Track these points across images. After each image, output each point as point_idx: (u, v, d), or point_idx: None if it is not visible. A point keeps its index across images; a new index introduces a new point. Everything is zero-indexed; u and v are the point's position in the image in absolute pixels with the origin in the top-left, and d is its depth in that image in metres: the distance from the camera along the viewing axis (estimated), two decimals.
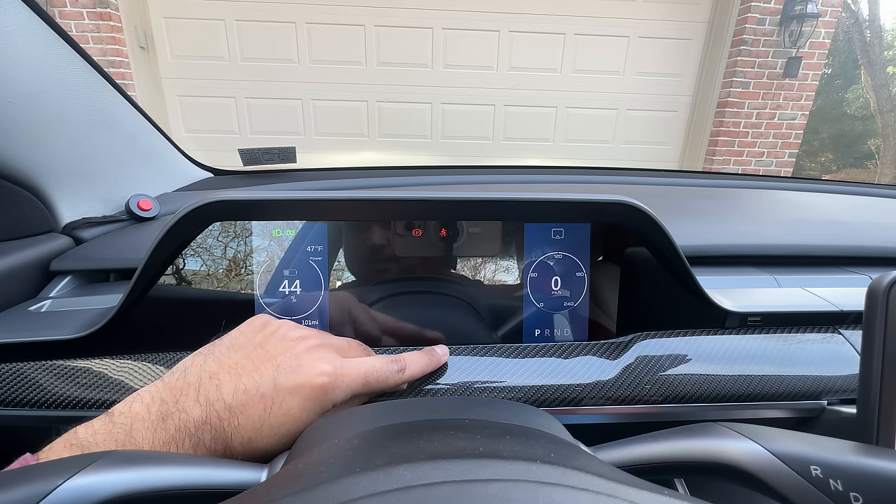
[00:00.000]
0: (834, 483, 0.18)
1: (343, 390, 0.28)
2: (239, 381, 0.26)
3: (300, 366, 0.27)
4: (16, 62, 0.44)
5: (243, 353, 0.28)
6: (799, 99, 2.93)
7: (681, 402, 0.34)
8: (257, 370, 0.27)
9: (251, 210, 0.35)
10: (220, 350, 0.29)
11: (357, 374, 0.29)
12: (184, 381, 0.26)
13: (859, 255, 0.53)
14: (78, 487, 0.17)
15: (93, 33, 2.40)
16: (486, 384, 0.34)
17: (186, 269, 0.37)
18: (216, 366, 0.27)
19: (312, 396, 0.27)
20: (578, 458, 0.18)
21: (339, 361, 0.29)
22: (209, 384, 0.26)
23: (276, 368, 0.27)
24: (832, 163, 6.63)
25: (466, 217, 0.38)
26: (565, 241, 0.39)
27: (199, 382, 0.26)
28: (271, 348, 0.28)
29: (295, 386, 0.26)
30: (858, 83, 5.98)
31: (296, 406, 0.26)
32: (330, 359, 0.29)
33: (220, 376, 0.26)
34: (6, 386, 0.32)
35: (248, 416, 0.25)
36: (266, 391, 0.26)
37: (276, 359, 0.28)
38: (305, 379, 0.27)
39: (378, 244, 0.38)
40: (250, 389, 0.26)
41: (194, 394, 0.25)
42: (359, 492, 0.13)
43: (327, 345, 0.30)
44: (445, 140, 2.99)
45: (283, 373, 0.27)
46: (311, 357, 0.28)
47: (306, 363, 0.28)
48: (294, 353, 0.28)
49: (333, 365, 0.28)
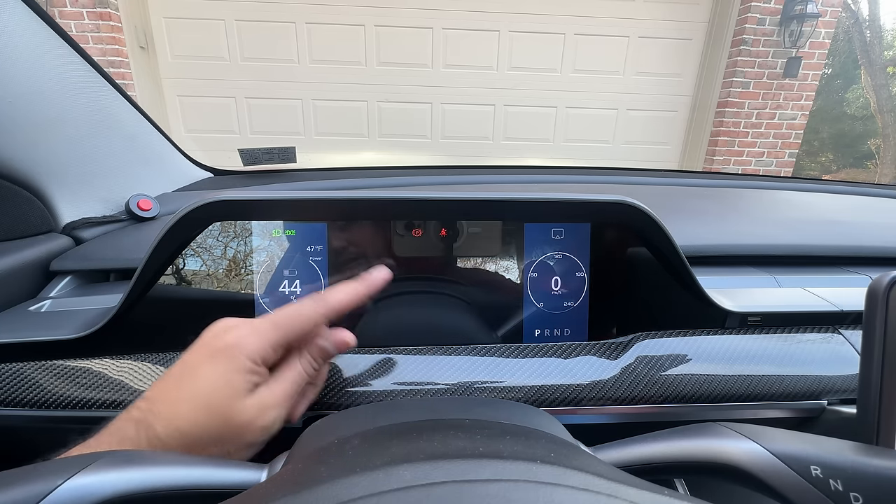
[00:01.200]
0: (834, 483, 0.18)
1: (252, 341, 0.27)
2: (159, 380, 0.27)
3: (205, 341, 0.28)
4: (16, 62, 0.44)
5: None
6: (799, 99, 2.93)
7: (681, 402, 0.34)
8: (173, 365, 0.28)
9: (251, 210, 0.35)
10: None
11: (261, 321, 0.28)
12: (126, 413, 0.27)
13: (859, 255, 0.53)
14: (78, 487, 0.17)
15: (93, 33, 2.40)
16: (486, 384, 0.34)
17: (186, 269, 0.37)
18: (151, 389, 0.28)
19: (219, 356, 0.26)
20: (578, 458, 0.18)
21: (244, 321, 0.28)
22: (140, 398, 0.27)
23: (187, 353, 0.28)
24: (832, 163, 6.63)
25: (466, 217, 0.38)
26: (565, 241, 0.39)
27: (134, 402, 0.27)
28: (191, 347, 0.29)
29: (202, 357, 0.27)
30: (858, 83, 5.98)
31: (206, 372, 0.26)
32: (233, 323, 0.28)
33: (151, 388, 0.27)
34: (6, 386, 0.32)
35: (164, 402, 0.26)
36: (176, 371, 0.27)
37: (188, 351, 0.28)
38: (209, 347, 0.27)
39: (378, 244, 0.38)
40: (165, 377, 0.27)
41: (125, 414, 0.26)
42: (359, 492, 0.13)
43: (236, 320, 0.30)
44: (445, 140, 2.99)
45: (192, 353, 0.27)
46: (215, 329, 0.28)
47: (212, 338, 0.28)
48: (203, 338, 0.28)
49: (236, 324, 0.28)
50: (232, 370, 0.26)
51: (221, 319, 0.30)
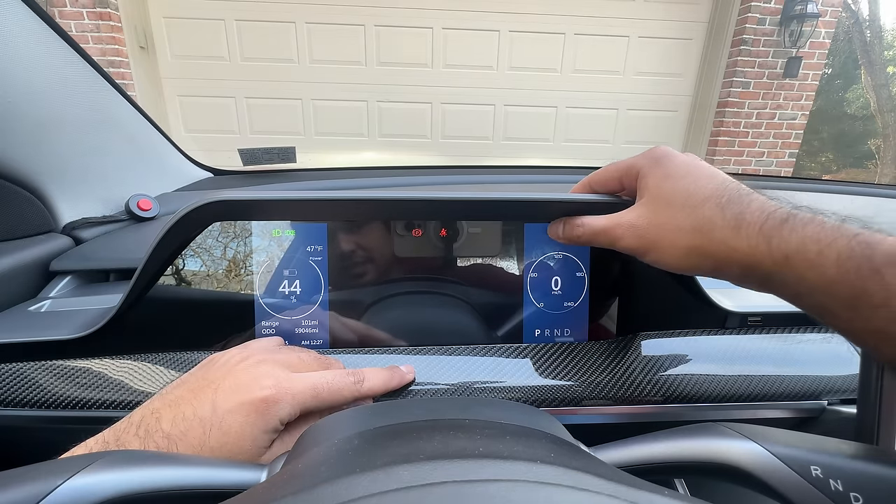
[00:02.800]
0: (834, 483, 0.18)
1: (289, 403, 0.27)
2: (178, 411, 0.26)
3: (240, 384, 0.27)
4: (16, 62, 0.44)
5: (186, 387, 0.28)
6: (799, 99, 2.93)
7: (681, 402, 0.34)
8: (196, 397, 0.26)
9: (251, 210, 0.35)
10: (167, 389, 0.28)
11: (304, 386, 0.28)
12: (128, 422, 0.26)
13: None
14: (78, 487, 0.17)
15: (93, 33, 2.40)
16: (486, 384, 0.34)
17: (186, 270, 0.37)
18: (160, 403, 0.27)
19: (255, 411, 0.26)
20: (578, 458, 0.18)
21: (284, 374, 0.28)
22: (150, 419, 0.25)
23: (216, 391, 0.26)
24: (832, 163, 6.63)
25: (466, 217, 0.38)
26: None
27: (140, 420, 0.25)
28: (212, 375, 0.28)
29: (235, 405, 0.26)
30: (858, 83, 5.98)
31: (236, 424, 0.25)
32: (273, 373, 0.28)
33: (161, 411, 0.26)
34: (6, 386, 0.32)
35: (186, 443, 0.25)
36: (205, 415, 0.25)
37: (215, 383, 0.27)
38: (245, 395, 0.26)
39: (378, 244, 0.38)
40: (188, 416, 0.25)
41: (135, 430, 0.25)
42: (359, 492, 0.13)
43: (272, 360, 0.29)
44: (445, 140, 2.99)
45: (223, 394, 0.26)
46: (252, 373, 0.27)
47: (246, 380, 0.27)
48: (234, 374, 0.27)
49: (276, 378, 0.27)
50: (262, 429, 0.26)
51: (254, 353, 0.30)
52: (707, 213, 0.26)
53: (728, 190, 0.27)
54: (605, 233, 0.31)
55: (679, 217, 0.27)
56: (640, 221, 0.29)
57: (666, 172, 0.29)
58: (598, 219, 0.32)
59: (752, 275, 0.25)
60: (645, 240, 0.29)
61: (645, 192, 0.30)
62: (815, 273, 0.22)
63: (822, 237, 0.22)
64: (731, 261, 0.25)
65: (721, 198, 0.26)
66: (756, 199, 0.26)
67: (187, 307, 0.37)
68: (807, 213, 0.24)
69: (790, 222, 0.24)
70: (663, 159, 0.30)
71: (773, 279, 0.24)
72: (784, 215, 0.24)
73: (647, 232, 0.29)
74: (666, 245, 0.28)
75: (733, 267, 0.26)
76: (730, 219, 0.25)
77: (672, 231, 0.27)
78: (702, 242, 0.26)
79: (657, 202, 0.29)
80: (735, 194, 0.26)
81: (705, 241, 0.26)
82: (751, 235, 0.24)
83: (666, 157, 0.30)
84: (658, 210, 0.29)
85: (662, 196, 0.29)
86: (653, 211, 0.29)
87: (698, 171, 0.29)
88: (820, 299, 0.22)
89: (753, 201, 0.26)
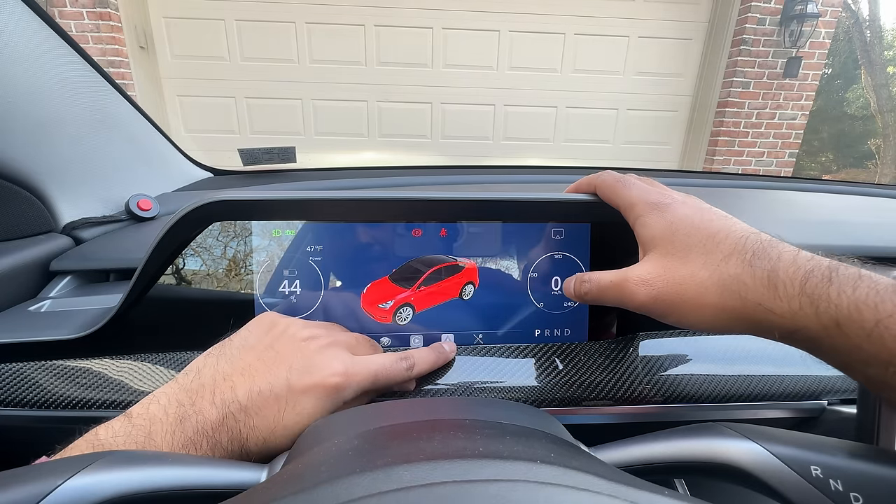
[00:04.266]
0: (834, 483, 0.18)
1: (354, 388, 0.28)
2: (253, 383, 0.26)
3: (312, 366, 0.28)
4: (16, 62, 0.44)
5: (254, 354, 0.28)
6: (799, 99, 2.93)
7: (681, 402, 0.34)
8: (270, 371, 0.27)
9: (251, 210, 0.35)
10: (232, 351, 0.29)
11: (367, 373, 0.29)
12: (198, 382, 0.26)
13: (860, 254, 0.53)
14: (78, 487, 0.17)
15: (93, 33, 2.40)
16: (486, 384, 0.34)
17: (186, 269, 0.37)
18: (229, 367, 0.27)
19: (325, 395, 0.27)
20: (579, 458, 0.18)
21: (350, 360, 0.29)
22: (224, 385, 0.26)
23: (289, 369, 0.27)
24: (832, 163, 6.63)
25: (466, 217, 0.38)
26: (565, 241, 0.39)
27: (213, 384, 0.26)
28: (282, 349, 0.29)
29: (308, 386, 0.27)
30: (858, 83, 5.98)
31: (309, 406, 0.27)
32: (341, 357, 0.29)
33: (234, 378, 0.27)
34: (6, 386, 0.32)
35: (262, 417, 0.26)
36: (280, 392, 0.26)
37: (287, 359, 0.28)
38: (318, 379, 0.27)
39: (378, 244, 0.38)
40: (264, 391, 0.26)
41: (210, 395, 0.26)
42: (359, 492, 0.13)
43: (337, 342, 0.31)
44: (445, 140, 2.99)
45: (296, 373, 0.27)
46: (323, 357, 0.28)
47: (318, 363, 0.28)
48: (305, 354, 0.28)
49: (344, 364, 0.28)
50: (327, 411, 0.27)
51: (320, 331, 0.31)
52: (733, 271, 0.24)
53: (750, 242, 0.24)
54: (615, 288, 0.29)
55: (700, 275, 0.25)
56: (653, 278, 0.26)
57: (671, 223, 0.27)
58: (605, 274, 0.30)
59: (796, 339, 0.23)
60: (663, 301, 0.26)
61: (651, 246, 0.28)
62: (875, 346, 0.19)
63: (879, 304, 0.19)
64: (769, 324, 0.23)
65: (745, 252, 0.24)
66: (785, 251, 0.23)
67: (187, 307, 0.37)
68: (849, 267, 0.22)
69: (835, 281, 0.21)
70: (664, 207, 0.28)
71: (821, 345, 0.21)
72: (825, 272, 0.22)
73: (663, 292, 0.26)
74: (689, 307, 0.25)
75: (773, 331, 0.23)
76: (761, 277, 0.23)
77: (694, 290, 0.25)
78: (732, 303, 0.24)
79: (670, 258, 0.26)
80: (759, 247, 0.24)
81: (736, 302, 0.23)
82: (791, 297, 0.22)
83: (666, 203, 0.28)
84: (672, 267, 0.26)
85: (675, 251, 0.26)
86: (666, 268, 0.26)
87: (710, 221, 0.26)
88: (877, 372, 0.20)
89: (783, 254, 0.23)
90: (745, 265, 0.23)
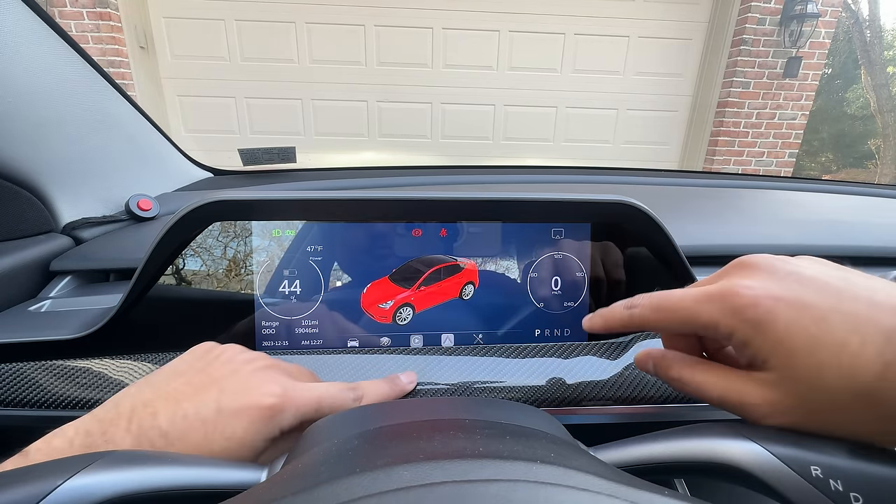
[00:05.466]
0: (834, 483, 0.18)
1: (293, 413, 0.26)
2: (178, 407, 0.24)
3: (247, 388, 0.25)
4: (15, 62, 0.44)
5: (183, 379, 0.26)
6: (799, 99, 2.93)
7: (681, 402, 0.34)
8: (198, 395, 0.25)
9: (251, 210, 0.35)
10: (159, 378, 0.26)
11: (310, 398, 0.27)
12: (115, 412, 0.24)
13: (859, 255, 0.53)
14: (78, 487, 0.17)
15: (93, 33, 2.40)
16: (486, 384, 0.34)
17: (186, 269, 0.37)
18: (152, 394, 0.25)
19: (259, 418, 0.25)
20: (579, 458, 0.18)
21: (290, 383, 0.27)
22: (143, 413, 0.24)
23: (220, 391, 0.25)
24: (832, 163, 6.63)
25: (466, 217, 0.38)
26: (565, 241, 0.39)
27: (131, 412, 0.24)
28: (214, 372, 0.26)
29: (240, 408, 0.24)
30: (858, 83, 5.98)
31: (240, 429, 0.24)
32: (280, 380, 0.27)
33: (157, 404, 0.24)
34: (6, 386, 0.32)
35: (186, 443, 0.23)
36: (207, 415, 0.24)
37: (219, 382, 0.26)
38: (252, 400, 0.25)
39: (378, 244, 0.38)
40: (190, 415, 0.24)
41: (125, 424, 0.23)
42: (359, 492, 0.13)
43: (277, 366, 0.29)
44: (445, 140, 2.99)
45: (228, 395, 0.25)
46: (259, 378, 0.26)
47: (253, 384, 0.26)
48: (240, 376, 0.26)
49: (283, 386, 0.26)
50: (263, 437, 0.25)
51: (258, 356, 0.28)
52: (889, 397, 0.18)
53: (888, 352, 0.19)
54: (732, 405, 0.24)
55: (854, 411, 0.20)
56: (786, 410, 0.22)
57: (791, 347, 0.21)
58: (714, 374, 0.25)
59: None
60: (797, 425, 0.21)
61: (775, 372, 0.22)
62: None
63: None
64: None
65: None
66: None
67: (187, 307, 0.37)
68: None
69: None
70: (767, 323, 0.22)
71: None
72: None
73: (798, 422, 0.21)
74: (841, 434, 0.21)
75: None
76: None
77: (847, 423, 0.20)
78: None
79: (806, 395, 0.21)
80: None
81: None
82: None
83: (769, 318, 0.22)
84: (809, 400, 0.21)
85: (809, 387, 0.21)
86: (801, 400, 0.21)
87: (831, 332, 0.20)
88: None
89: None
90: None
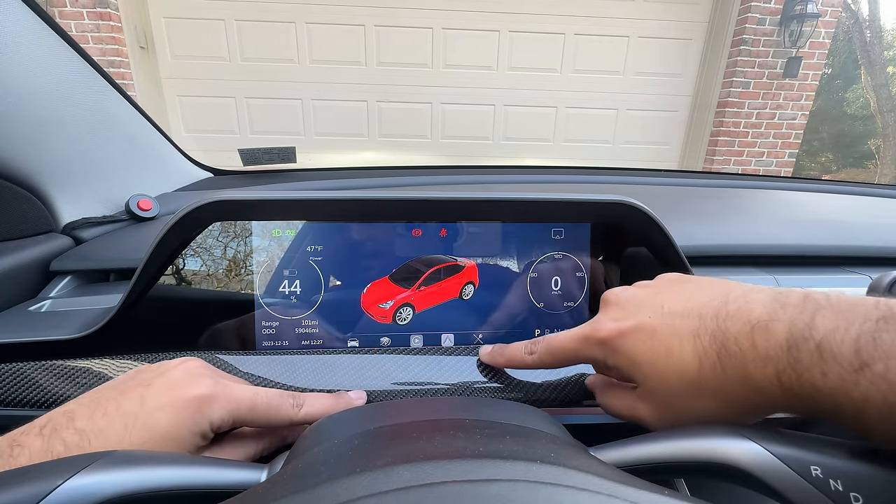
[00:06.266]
0: (834, 483, 0.18)
1: (224, 407, 0.25)
2: (97, 408, 0.23)
3: (175, 384, 0.25)
4: (16, 62, 0.44)
5: (111, 385, 0.25)
6: (799, 99, 2.93)
7: None
8: (124, 395, 0.24)
9: (251, 210, 0.35)
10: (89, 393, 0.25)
11: (243, 396, 0.26)
12: (30, 426, 0.23)
13: (859, 255, 0.53)
14: (78, 487, 0.17)
15: (93, 33, 2.40)
16: (486, 384, 0.34)
17: (186, 269, 0.37)
18: (75, 405, 0.24)
19: (185, 409, 0.24)
20: (578, 458, 0.18)
21: (224, 383, 0.26)
22: (61, 419, 0.23)
23: (147, 388, 0.24)
24: (832, 163, 6.63)
25: (466, 217, 0.38)
26: (565, 241, 0.39)
27: (48, 420, 0.23)
28: (145, 376, 0.26)
29: (165, 401, 0.24)
30: (858, 83, 5.98)
31: (164, 421, 0.23)
32: (214, 378, 0.26)
33: (76, 410, 0.23)
34: (6, 386, 0.32)
35: (104, 437, 0.22)
36: (129, 410, 0.23)
37: (147, 382, 0.25)
38: (178, 393, 0.24)
39: (378, 244, 0.38)
40: (111, 412, 0.23)
41: (37, 430, 0.22)
42: (359, 492, 0.13)
43: (216, 372, 0.28)
44: (445, 140, 2.99)
45: (154, 391, 0.24)
46: (190, 374, 0.26)
47: (182, 380, 0.25)
48: (170, 374, 0.25)
49: (215, 384, 0.25)
50: (189, 430, 0.24)
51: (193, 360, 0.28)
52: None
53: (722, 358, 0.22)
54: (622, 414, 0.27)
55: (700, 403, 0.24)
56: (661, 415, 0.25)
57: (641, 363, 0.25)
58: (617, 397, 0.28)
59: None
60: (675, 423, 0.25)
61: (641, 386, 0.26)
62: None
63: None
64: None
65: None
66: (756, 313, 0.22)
67: (187, 307, 0.37)
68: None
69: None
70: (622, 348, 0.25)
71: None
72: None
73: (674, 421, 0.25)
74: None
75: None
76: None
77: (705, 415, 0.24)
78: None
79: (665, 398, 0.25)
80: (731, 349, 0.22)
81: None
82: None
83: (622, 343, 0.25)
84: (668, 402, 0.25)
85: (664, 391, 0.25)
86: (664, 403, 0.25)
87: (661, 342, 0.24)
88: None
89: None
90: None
